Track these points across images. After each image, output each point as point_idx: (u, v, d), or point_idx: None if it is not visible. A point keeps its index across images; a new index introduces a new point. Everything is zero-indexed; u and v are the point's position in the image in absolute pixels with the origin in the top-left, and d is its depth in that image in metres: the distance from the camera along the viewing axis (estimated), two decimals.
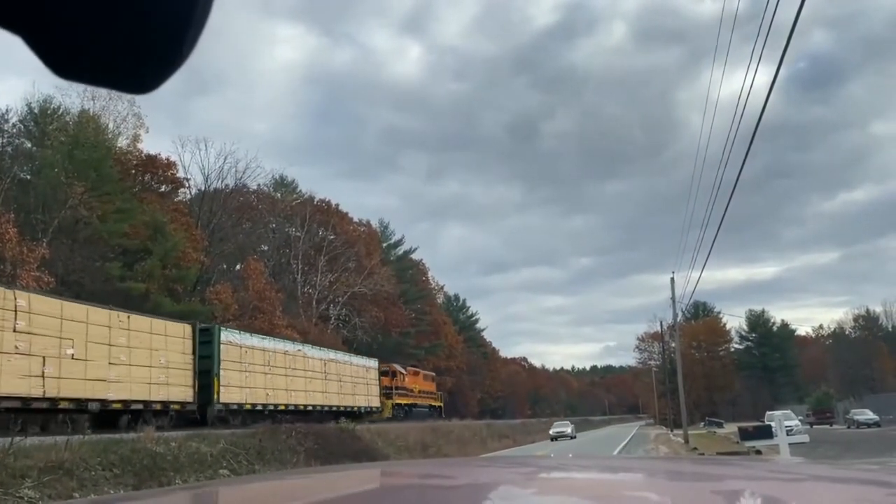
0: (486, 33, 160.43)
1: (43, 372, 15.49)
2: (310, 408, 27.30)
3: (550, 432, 46.84)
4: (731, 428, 40.20)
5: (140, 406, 18.69)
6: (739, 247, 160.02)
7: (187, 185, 44.68)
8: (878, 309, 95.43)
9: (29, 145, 34.53)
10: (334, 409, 29.15)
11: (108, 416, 17.53)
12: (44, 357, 15.60)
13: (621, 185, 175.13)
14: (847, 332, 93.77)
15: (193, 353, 21.16)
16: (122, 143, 40.08)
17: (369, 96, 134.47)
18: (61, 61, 0.54)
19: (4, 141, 33.66)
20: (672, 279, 40.85)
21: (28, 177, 32.53)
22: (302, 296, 49.85)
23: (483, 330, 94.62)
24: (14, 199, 29.88)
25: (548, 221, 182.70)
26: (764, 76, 11.41)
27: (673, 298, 40.87)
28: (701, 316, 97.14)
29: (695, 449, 28.90)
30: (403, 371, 43.26)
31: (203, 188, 44.87)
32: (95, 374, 17.10)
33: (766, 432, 14.18)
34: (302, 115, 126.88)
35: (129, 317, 18.94)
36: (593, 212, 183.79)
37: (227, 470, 13.45)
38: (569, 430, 47.05)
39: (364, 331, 51.29)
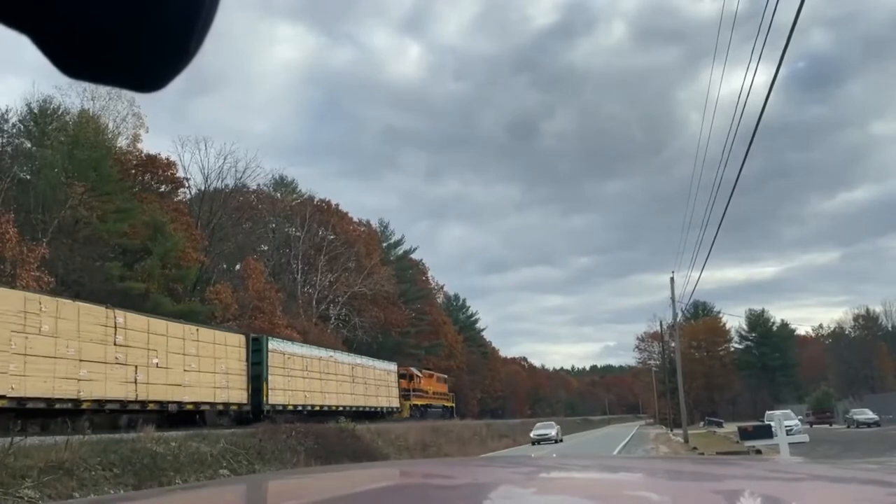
0: (486, 33, 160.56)
1: (136, 378, 18.47)
2: (340, 408, 29.49)
3: (532, 434, 41.78)
4: (730, 427, 40.21)
5: (207, 407, 21.68)
6: (739, 246, 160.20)
7: (187, 184, 44.71)
8: (877, 308, 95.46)
9: (29, 145, 34.52)
10: (361, 409, 31.88)
11: (183, 416, 20.35)
12: (136, 366, 18.51)
13: (621, 185, 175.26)
14: (847, 332, 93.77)
15: (247, 360, 24.07)
16: (122, 142, 40.12)
17: (369, 96, 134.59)
18: (69, 61, 0.54)
19: (4, 141, 33.67)
20: (672, 279, 40.88)
21: (28, 177, 32.52)
22: (302, 295, 49.87)
23: (483, 330, 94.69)
24: (14, 199, 29.87)
25: (547, 221, 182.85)
26: (763, 76, 11.42)
27: (672, 298, 40.88)
28: (701, 315, 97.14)
29: (694, 448, 28.90)
30: (419, 374, 45.30)
31: (203, 188, 44.91)
32: (174, 379, 20.09)
33: (766, 432, 14.19)
34: (301, 114, 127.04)
35: (197, 330, 22.11)
36: (593, 211, 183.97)
37: (227, 470, 13.45)
38: (553, 432, 41.93)
39: (364, 330, 51.30)
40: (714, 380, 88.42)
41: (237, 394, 23.21)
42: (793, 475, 1.51)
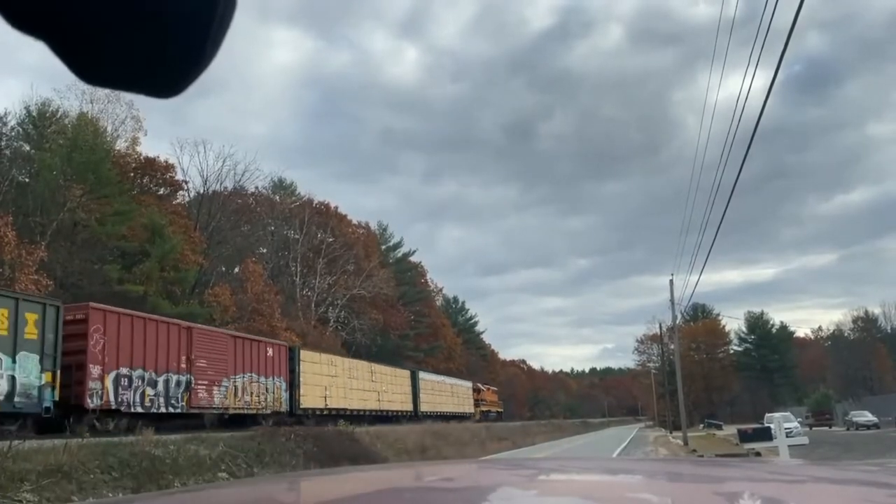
0: (483, 35, 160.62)
1: (379, 399, 34.97)
2: (449, 412, 44.82)
3: None
4: (730, 429, 40.23)
5: (397, 411, 37.10)
6: (737, 248, 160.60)
7: (186, 187, 44.68)
8: (876, 310, 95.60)
9: (27, 148, 34.49)
10: (456, 413, 46.52)
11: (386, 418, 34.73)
12: (378, 391, 35.32)
13: (619, 186, 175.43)
14: (846, 334, 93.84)
15: (412, 385, 40.41)
16: (121, 145, 40.06)
17: (367, 98, 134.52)
18: (87, 67, 0.55)
19: (3, 144, 33.64)
20: (671, 281, 40.90)
21: (26, 179, 32.50)
22: (301, 298, 49.84)
23: (482, 332, 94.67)
24: (12, 201, 29.85)
25: (545, 222, 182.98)
26: (760, 80, 11.43)
27: (672, 300, 40.90)
28: (700, 317, 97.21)
29: (694, 451, 28.89)
30: (483, 388, 58.27)
31: (202, 190, 44.90)
32: (387, 398, 36.13)
33: (766, 434, 14.17)
34: (299, 117, 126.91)
35: (395, 370, 39.20)
36: (591, 212, 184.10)
37: (226, 473, 13.43)
38: None
39: (363, 333, 51.28)
40: (713, 382, 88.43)
41: (406, 405, 38.73)
42: (792, 477, 1.51)
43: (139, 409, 18.38)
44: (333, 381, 30.03)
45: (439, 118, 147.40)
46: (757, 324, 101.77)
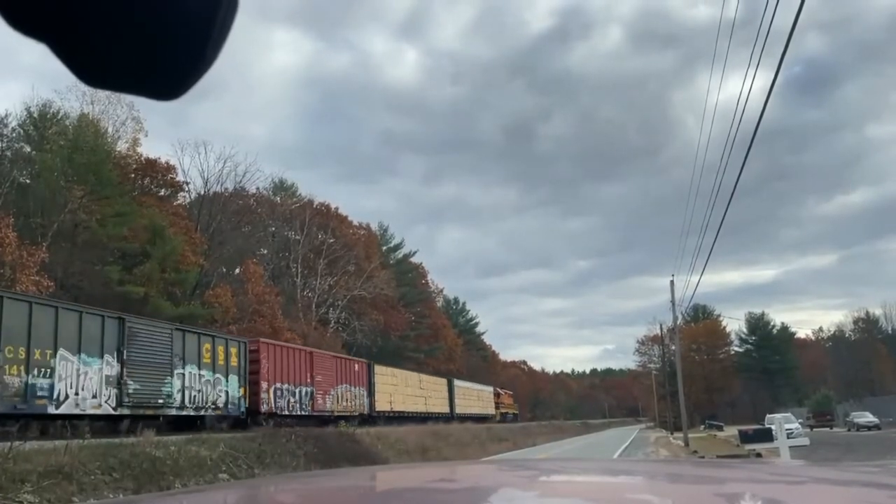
0: (483, 37, 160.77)
1: (426, 403, 40.58)
2: (475, 413, 50.68)
3: None
4: (731, 430, 40.20)
5: (437, 412, 41.90)
6: (737, 249, 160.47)
7: (187, 188, 44.69)
8: (877, 311, 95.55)
9: (28, 149, 34.50)
10: (480, 414, 52.11)
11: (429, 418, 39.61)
12: (425, 398, 41.35)
13: (618, 188, 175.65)
14: (847, 335, 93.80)
15: (449, 392, 45.72)
16: (122, 146, 40.06)
17: (367, 100, 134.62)
18: (89, 70, 0.55)
19: (4, 145, 33.67)
20: (672, 282, 40.89)
21: (27, 181, 32.51)
22: (301, 299, 49.83)
23: (483, 333, 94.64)
24: (13, 203, 29.87)
25: (545, 224, 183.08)
26: (760, 81, 11.43)
27: (673, 301, 40.89)
28: (701, 318, 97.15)
29: (695, 452, 28.86)
30: (502, 392, 64.37)
31: (202, 192, 44.90)
32: (431, 402, 41.68)
33: (766, 435, 14.16)
34: (299, 119, 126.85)
35: (445, 380, 46.46)
36: (591, 214, 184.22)
37: (227, 474, 13.43)
38: None
39: (364, 334, 51.28)
40: (714, 383, 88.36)
41: (444, 408, 44.08)
42: (793, 478, 1.51)
43: (286, 412, 24.40)
44: (395, 388, 36.67)
45: (439, 120, 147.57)
46: (757, 325, 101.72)
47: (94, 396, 16.32)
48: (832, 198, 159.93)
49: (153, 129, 56.07)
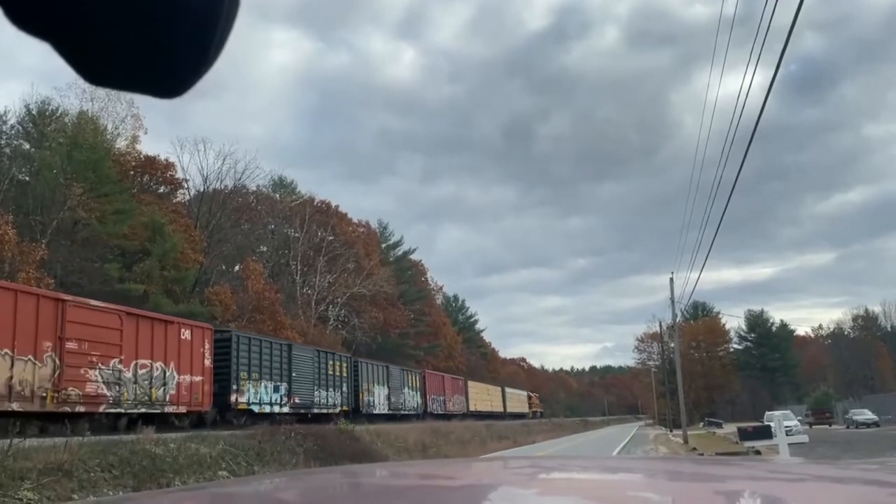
0: (480, 37, 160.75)
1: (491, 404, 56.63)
2: (516, 412, 63.29)
3: None
4: (730, 428, 40.20)
5: (500, 411, 57.30)
6: (736, 248, 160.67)
7: (186, 186, 44.66)
8: (876, 309, 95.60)
9: (27, 146, 34.49)
10: (517, 412, 63.40)
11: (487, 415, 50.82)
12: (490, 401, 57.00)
13: (617, 187, 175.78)
14: (846, 333, 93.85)
15: (503, 397, 60.67)
16: (121, 144, 40.05)
17: (365, 99, 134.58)
18: (91, 68, 0.55)
19: (3, 142, 33.66)
20: (671, 279, 40.91)
21: (26, 178, 32.49)
22: (301, 296, 49.81)
23: (482, 331, 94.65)
24: (13, 200, 29.85)
25: (544, 222, 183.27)
26: (758, 78, 11.41)
27: (672, 299, 40.91)
28: (700, 316, 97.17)
29: (694, 449, 28.89)
30: (533, 395, 78.56)
31: (202, 189, 44.87)
32: (493, 404, 56.82)
33: (766, 432, 14.18)
34: (298, 118, 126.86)
35: (490, 387, 59.62)
36: (589, 213, 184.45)
37: (227, 471, 13.44)
38: None
39: (363, 331, 51.27)
40: (713, 380, 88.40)
41: (499, 408, 57.56)
42: (792, 475, 1.51)
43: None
44: (478, 396, 52.08)
45: (437, 119, 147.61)
46: (757, 322, 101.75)
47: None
48: (830, 196, 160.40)
49: (152, 128, 56.17)
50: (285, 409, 24.64)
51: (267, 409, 23.57)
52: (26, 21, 0.50)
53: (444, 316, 76.06)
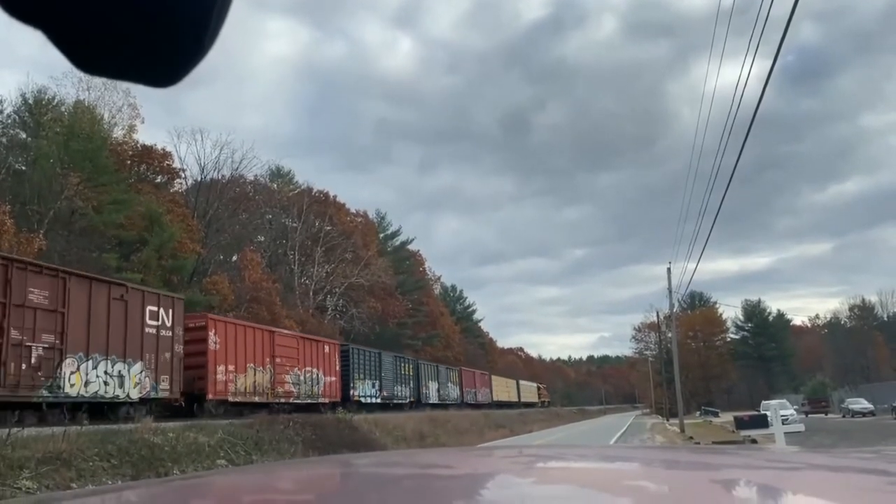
0: (477, 27, 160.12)
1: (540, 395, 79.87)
2: (529, 401, 71.40)
3: None
4: (726, 417, 40.40)
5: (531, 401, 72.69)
6: (733, 238, 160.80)
7: (183, 175, 44.54)
8: (873, 298, 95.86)
9: (24, 136, 34.34)
10: (534, 402, 73.64)
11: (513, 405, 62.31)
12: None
13: (614, 177, 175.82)
14: (842, 322, 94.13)
15: (518, 391, 70.62)
16: (118, 133, 39.92)
17: (362, 90, 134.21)
18: (85, 57, 0.54)
19: None
20: (669, 269, 40.97)
21: (23, 168, 32.38)
22: (299, 286, 49.83)
23: (480, 320, 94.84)
24: (9, 189, 29.75)
25: (541, 213, 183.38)
26: (756, 68, 11.39)
27: (669, 289, 40.99)
28: (697, 306, 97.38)
29: (690, 438, 29.03)
30: (541, 386, 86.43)
31: (199, 179, 44.76)
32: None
33: (762, 421, 14.23)
34: (295, 109, 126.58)
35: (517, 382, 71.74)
36: (587, 203, 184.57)
37: (225, 460, 13.48)
38: None
39: (361, 321, 51.32)
40: (710, 370, 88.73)
41: (514, 397, 66.05)
42: (788, 464, 1.52)
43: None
44: (499, 387, 61.44)
45: (435, 110, 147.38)
46: (754, 312, 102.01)
47: None
48: (827, 187, 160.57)
49: (149, 118, 55.93)
50: (378, 401, 33.65)
51: (370, 400, 32.66)
52: (20, 9, 0.50)
53: (442, 306, 76.17)
